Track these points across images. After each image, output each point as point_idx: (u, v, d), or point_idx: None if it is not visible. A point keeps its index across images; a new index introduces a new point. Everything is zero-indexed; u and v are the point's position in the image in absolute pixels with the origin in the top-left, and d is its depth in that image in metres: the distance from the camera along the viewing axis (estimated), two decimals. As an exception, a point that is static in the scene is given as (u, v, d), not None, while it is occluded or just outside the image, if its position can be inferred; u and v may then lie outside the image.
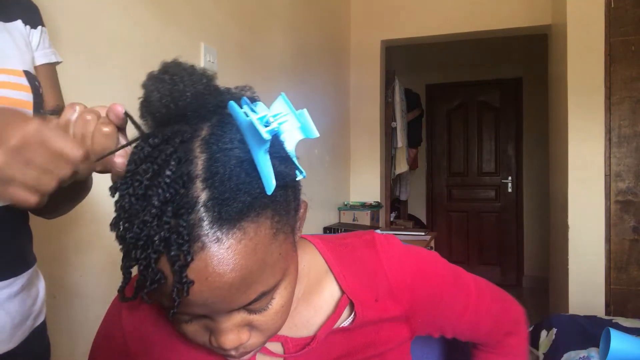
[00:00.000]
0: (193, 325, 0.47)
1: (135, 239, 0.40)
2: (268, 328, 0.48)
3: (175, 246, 0.39)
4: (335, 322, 0.57)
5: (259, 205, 0.42)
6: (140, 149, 0.43)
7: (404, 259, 0.61)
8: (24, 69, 0.68)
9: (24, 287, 0.70)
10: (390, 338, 0.60)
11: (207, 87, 0.45)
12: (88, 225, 1.18)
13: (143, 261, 0.40)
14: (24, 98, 0.67)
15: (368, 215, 3.16)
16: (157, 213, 0.39)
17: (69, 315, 1.13)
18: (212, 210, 0.40)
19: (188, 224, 0.39)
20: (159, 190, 0.39)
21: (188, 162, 0.41)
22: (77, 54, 1.15)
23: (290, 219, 0.47)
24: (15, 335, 0.68)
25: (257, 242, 0.42)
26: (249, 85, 0.47)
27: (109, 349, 0.60)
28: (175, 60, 0.46)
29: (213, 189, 0.40)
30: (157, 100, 0.44)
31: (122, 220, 0.41)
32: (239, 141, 0.42)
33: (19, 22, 0.72)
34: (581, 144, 2.40)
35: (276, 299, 0.47)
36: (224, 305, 0.43)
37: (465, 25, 3.25)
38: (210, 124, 0.44)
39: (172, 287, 0.40)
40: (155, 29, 1.42)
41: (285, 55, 2.40)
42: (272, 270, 0.45)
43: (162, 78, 0.45)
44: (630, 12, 2.29)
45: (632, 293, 2.28)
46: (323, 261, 0.60)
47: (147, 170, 0.41)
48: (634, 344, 1.42)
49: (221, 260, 0.40)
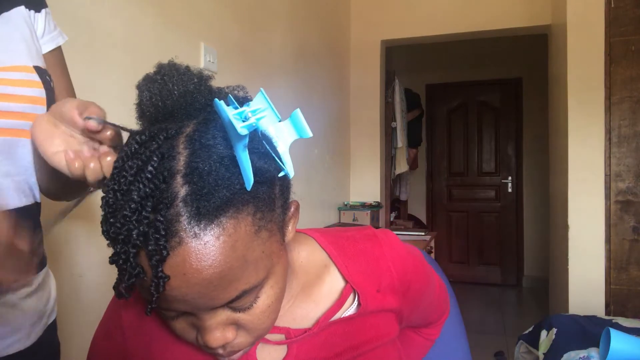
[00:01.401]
0: (180, 322, 0.48)
1: (116, 233, 0.40)
2: (255, 327, 0.48)
3: (152, 241, 0.39)
4: (338, 310, 0.58)
5: (239, 201, 0.41)
6: (129, 146, 0.43)
7: (403, 253, 0.63)
8: (33, 64, 0.67)
9: (40, 285, 0.71)
10: (388, 331, 0.61)
11: (198, 86, 0.46)
12: (88, 225, 1.18)
13: (122, 255, 0.40)
14: (37, 94, 0.66)
15: (368, 215, 3.16)
16: (137, 208, 0.40)
17: (68, 316, 1.13)
18: (191, 206, 0.40)
19: (166, 219, 0.39)
20: (140, 185, 0.40)
21: (170, 158, 0.41)
22: (77, 54, 1.15)
23: (275, 216, 0.47)
24: (32, 333, 0.69)
25: (237, 238, 0.41)
26: (242, 85, 0.48)
27: (108, 348, 0.61)
28: (170, 61, 0.47)
29: (192, 185, 0.40)
30: (148, 100, 0.46)
31: (107, 215, 0.42)
32: (222, 138, 0.43)
33: (22, 8, 0.69)
34: (581, 144, 2.40)
35: (262, 297, 0.47)
36: (204, 302, 0.43)
37: (465, 25, 3.25)
38: (197, 122, 0.44)
39: (150, 282, 0.40)
40: (155, 29, 1.42)
41: (285, 55, 2.40)
42: (255, 267, 0.44)
43: (154, 78, 0.46)
44: (630, 12, 2.29)
45: (632, 293, 2.28)
46: (324, 254, 0.60)
47: (133, 166, 0.41)
48: (634, 344, 1.42)
49: (199, 256, 0.40)
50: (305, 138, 0.44)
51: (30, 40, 0.69)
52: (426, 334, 0.78)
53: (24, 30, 0.68)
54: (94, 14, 1.20)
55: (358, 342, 0.58)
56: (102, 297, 1.19)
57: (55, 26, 0.76)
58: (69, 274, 1.14)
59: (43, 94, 0.67)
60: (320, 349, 0.57)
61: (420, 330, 0.78)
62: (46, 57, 0.73)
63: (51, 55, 0.74)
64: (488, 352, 2.84)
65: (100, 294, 1.20)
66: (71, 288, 1.14)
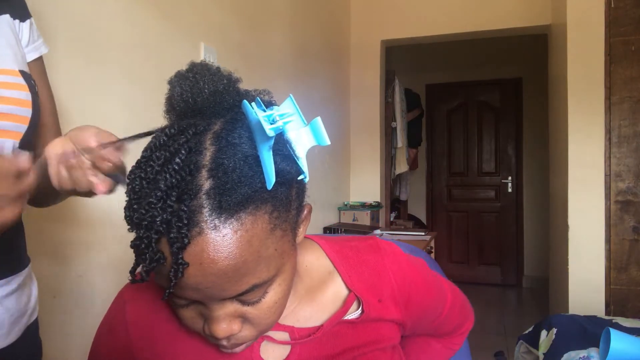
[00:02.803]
0: (189, 310, 0.49)
1: (140, 219, 0.42)
2: (260, 322, 0.49)
3: (175, 229, 0.41)
4: (343, 316, 0.59)
5: (259, 199, 0.43)
6: (157, 138, 0.46)
7: (404, 265, 0.64)
8: (19, 68, 0.69)
9: (20, 285, 0.72)
10: (390, 336, 0.62)
11: (227, 87, 0.48)
12: (87, 225, 1.18)
13: (145, 240, 0.42)
14: (23, 97, 0.67)
15: (368, 215, 3.16)
16: (162, 196, 0.41)
17: (68, 316, 1.13)
18: (213, 199, 0.42)
19: (189, 209, 0.41)
20: (167, 176, 0.42)
21: (197, 152, 0.43)
22: (77, 54, 1.15)
23: (290, 217, 0.48)
24: (12, 332, 0.70)
25: (253, 234, 0.43)
26: (267, 89, 0.51)
27: (112, 342, 0.61)
28: (203, 61, 0.50)
29: (216, 179, 0.42)
30: (178, 96, 0.48)
31: (132, 201, 0.44)
32: (247, 137, 0.45)
33: (7, 16, 0.71)
34: (581, 143, 2.40)
35: (270, 293, 0.49)
36: (216, 292, 0.44)
37: (465, 25, 3.25)
38: (224, 120, 0.47)
39: (170, 268, 0.42)
40: (155, 29, 1.42)
41: (285, 55, 2.40)
42: (267, 264, 0.46)
43: (186, 76, 0.48)
44: (630, 12, 2.29)
45: (632, 293, 2.28)
46: (328, 261, 0.62)
47: (160, 157, 0.44)
48: (634, 344, 1.42)
49: (216, 247, 0.42)
50: (323, 146, 0.46)
51: (15, 47, 0.70)
52: (449, 342, 0.79)
53: (9, 37, 0.70)
54: (94, 14, 1.20)
55: (359, 343, 0.59)
56: (102, 297, 1.19)
57: (39, 35, 0.78)
58: (69, 274, 1.14)
59: (29, 97, 0.68)
60: (321, 348, 0.58)
61: (442, 338, 0.78)
62: (30, 66, 0.74)
63: (35, 64, 0.76)
64: (488, 352, 2.84)
65: (100, 294, 1.20)
66: (71, 288, 1.14)
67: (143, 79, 1.35)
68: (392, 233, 2.86)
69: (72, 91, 1.13)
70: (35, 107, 0.69)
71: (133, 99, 1.31)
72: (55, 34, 1.08)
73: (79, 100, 1.15)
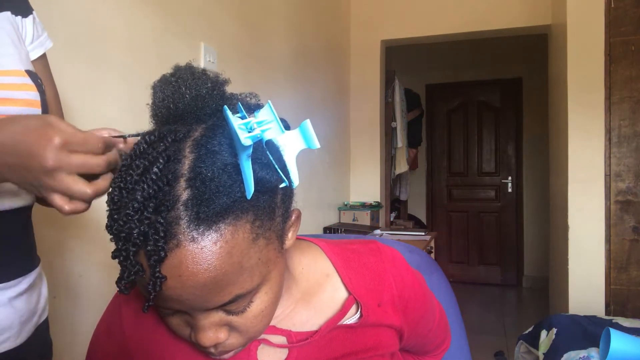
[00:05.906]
0: (175, 318, 0.49)
1: (118, 231, 0.41)
2: (247, 330, 0.49)
3: (152, 241, 0.40)
4: (340, 319, 0.58)
5: (239, 208, 0.42)
6: (138, 145, 0.44)
7: (404, 270, 0.63)
8: (25, 68, 0.68)
9: (31, 285, 0.72)
10: (389, 343, 0.61)
11: (210, 90, 0.46)
12: (87, 225, 1.18)
13: (123, 252, 0.41)
14: (33, 97, 0.67)
15: (368, 215, 3.16)
16: (140, 207, 0.41)
17: (68, 315, 1.13)
18: (191, 210, 0.40)
19: (166, 221, 0.40)
20: (144, 186, 0.41)
21: (176, 161, 0.42)
22: (76, 54, 1.15)
23: (275, 225, 0.47)
24: (22, 332, 0.70)
25: (234, 245, 0.42)
26: (254, 93, 0.49)
27: (108, 344, 0.61)
28: (188, 64, 0.48)
29: (194, 189, 0.41)
30: (160, 102, 0.47)
31: (112, 212, 0.43)
32: (227, 145, 0.43)
33: (8, 13, 0.69)
34: (581, 143, 2.40)
35: (255, 302, 0.48)
36: (198, 304, 0.44)
37: (465, 25, 3.25)
38: (205, 127, 0.45)
39: (148, 281, 0.41)
40: (155, 29, 1.42)
41: (285, 55, 2.40)
42: (250, 274, 0.45)
43: (169, 80, 0.47)
44: (630, 12, 2.29)
45: (632, 293, 2.28)
46: (328, 263, 0.61)
47: (140, 165, 0.43)
48: (634, 344, 1.42)
49: (195, 260, 0.41)
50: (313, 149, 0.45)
51: (19, 45, 0.69)
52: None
53: (12, 35, 0.69)
54: (94, 14, 1.20)
55: (357, 349, 0.58)
56: (102, 296, 1.19)
57: (43, 30, 0.77)
58: (69, 274, 1.14)
59: (38, 97, 0.68)
60: (320, 352, 0.57)
61: (426, 356, 0.77)
62: (35, 64, 0.73)
63: (38, 62, 0.75)
64: (488, 352, 2.84)
65: (100, 293, 1.20)
66: (71, 288, 1.14)
67: (143, 79, 1.34)
68: (392, 233, 2.85)
69: (72, 91, 1.13)
70: (44, 106, 0.69)
71: (133, 99, 1.31)
72: (55, 34, 1.08)
73: (78, 100, 1.15)
